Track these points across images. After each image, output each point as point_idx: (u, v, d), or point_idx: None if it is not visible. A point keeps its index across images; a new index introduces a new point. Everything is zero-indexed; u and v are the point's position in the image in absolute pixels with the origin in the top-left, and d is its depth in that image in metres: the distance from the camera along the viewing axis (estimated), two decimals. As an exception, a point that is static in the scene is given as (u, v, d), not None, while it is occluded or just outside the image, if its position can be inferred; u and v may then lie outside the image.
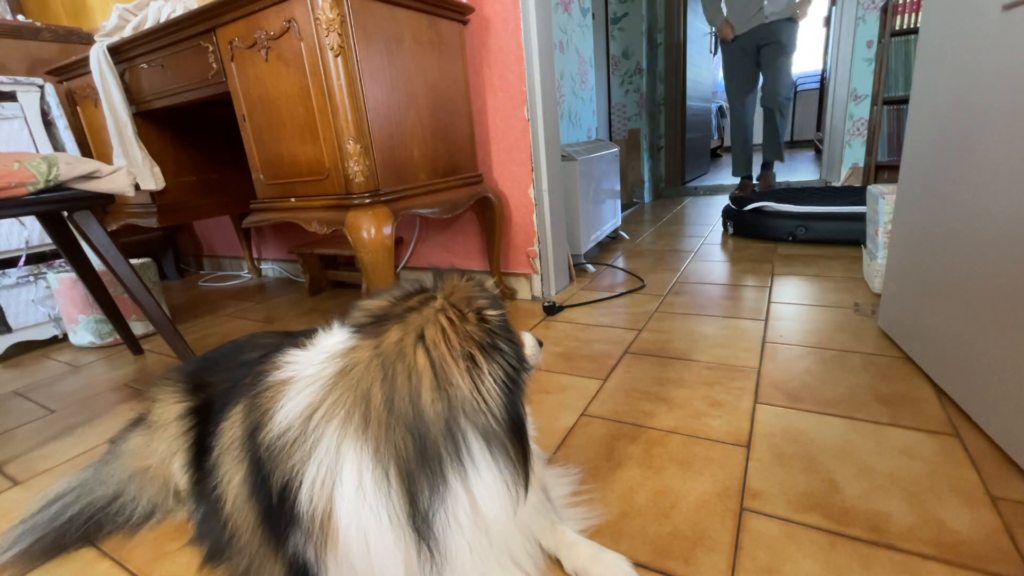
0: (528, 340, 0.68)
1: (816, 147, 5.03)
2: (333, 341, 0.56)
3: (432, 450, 0.48)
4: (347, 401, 0.50)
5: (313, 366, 0.54)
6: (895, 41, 2.65)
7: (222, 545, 0.62)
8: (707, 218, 2.90)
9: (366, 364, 0.51)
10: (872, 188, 1.51)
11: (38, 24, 2.00)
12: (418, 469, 0.47)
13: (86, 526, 0.77)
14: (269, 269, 2.52)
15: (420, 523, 0.47)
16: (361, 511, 0.47)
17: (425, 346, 0.50)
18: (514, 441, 0.51)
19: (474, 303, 0.53)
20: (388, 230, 1.23)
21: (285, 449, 0.51)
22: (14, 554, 0.73)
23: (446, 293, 0.54)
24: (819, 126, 4.75)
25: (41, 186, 1.11)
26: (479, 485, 0.49)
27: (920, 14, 1.77)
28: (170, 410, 0.76)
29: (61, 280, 1.61)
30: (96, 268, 1.48)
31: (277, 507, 0.51)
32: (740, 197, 2.48)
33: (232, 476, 0.60)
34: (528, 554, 0.60)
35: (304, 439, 0.50)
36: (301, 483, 0.49)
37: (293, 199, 1.36)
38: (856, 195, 2.24)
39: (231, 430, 0.62)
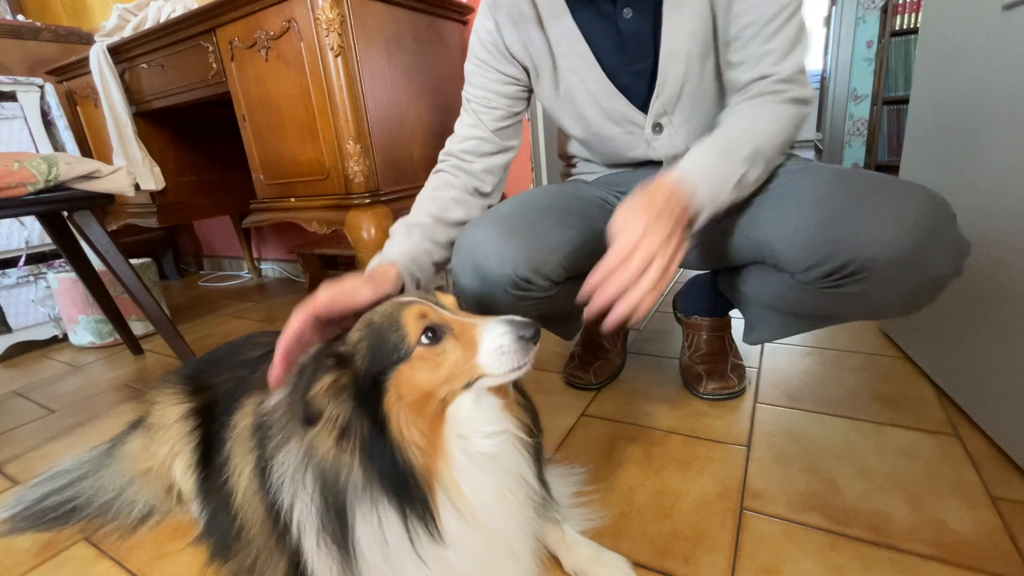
0: (492, 338, 0.49)
1: (816, 147, 5.02)
2: None
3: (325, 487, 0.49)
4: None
5: None
6: (895, 41, 2.65)
7: (229, 540, 0.63)
8: (707, 218, 2.89)
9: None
10: (872, 188, 1.51)
11: (38, 24, 2.00)
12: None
13: (81, 521, 0.78)
14: (269, 269, 2.52)
15: (345, 542, 0.48)
16: (312, 514, 0.49)
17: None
18: (396, 492, 0.48)
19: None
20: (388, 230, 1.23)
21: (268, 435, 0.53)
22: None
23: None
24: (819, 126, 4.73)
25: (41, 186, 1.11)
26: (362, 528, 0.48)
27: (920, 14, 1.77)
28: (171, 412, 0.76)
29: (61, 280, 1.61)
30: (96, 268, 1.48)
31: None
32: None
33: (243, 468, 0.60)
34: (523, 560, 0.58)
35: (276, 430, 0.52)
36: (276, 475, 0.51)
37: (293, 199, 1.36)
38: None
39: (244, 420, 0.63)
